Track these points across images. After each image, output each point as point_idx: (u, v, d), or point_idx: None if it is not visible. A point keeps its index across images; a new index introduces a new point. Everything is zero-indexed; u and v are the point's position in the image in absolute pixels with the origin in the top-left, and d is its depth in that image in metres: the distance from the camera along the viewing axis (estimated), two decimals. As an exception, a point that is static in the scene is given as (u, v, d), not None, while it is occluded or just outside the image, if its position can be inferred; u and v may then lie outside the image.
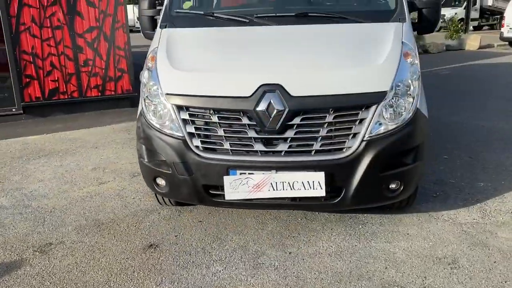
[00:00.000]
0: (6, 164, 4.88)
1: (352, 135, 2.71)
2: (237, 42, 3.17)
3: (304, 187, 2.70)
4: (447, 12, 22.23)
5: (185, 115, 2.81)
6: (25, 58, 6.64)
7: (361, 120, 2.71)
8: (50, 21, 6.70)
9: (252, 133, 2.73)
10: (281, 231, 3.18)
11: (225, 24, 3.32)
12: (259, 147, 2.74)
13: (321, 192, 2.69)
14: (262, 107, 2.67)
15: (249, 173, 2.73)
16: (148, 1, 3.70)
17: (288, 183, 2.70)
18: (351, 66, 2.82)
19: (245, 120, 2.72)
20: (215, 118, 2.76)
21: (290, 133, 2.71)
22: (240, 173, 2.74)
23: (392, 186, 2.86)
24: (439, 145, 5.01)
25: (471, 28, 23.87)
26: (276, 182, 2.71)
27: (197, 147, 2.80)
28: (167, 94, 2.85)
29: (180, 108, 2.82)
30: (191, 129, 2.80)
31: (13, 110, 6.78)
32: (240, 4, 4.16)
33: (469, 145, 5.03)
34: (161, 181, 2.99)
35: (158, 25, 3.47)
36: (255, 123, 2.70)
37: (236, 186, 2.73)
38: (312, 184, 2.68)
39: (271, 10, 3.48)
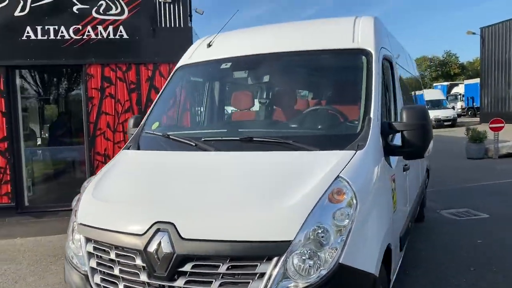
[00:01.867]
0: (37, 261, 5.21)
1: (250, 292, 2.21)
2: (160, 171, 2.95)
3: None
4: None
5: (90, 248, 2.64)
6: (97, 159, 7.33)
7: (261, 275, 2.20)
8: (122, 126, 7.38)
9: (144, 277, 2.40)
10: None
11: (175, 147, 3.17)
12: (150, 294, 2.39)
13: None
14: (152, 247, 2.35)
15: (139, 324, 2.38)
16: (133, 120, 3.80)
17: None
18: (257, 208, 2.34)
19: (138, 261, 2.41)
20: (112, 255, 2.52)
21: (180, 282, 2.31)
22: (131, 323, 2.41)
23: None
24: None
25: None
26: None
27: (97, 285, 2.57)
28: (80, 224, 2.74)
29: (87, 240, 2.66)
30: (93, 264, 2.60)
31: (84, 205, 7.39)
32: (235, 120, 3.99)
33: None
34: (73, 317, 2.79)
35: (124, 146, 3.48)
36: (145, 265, 2.39)
37: None
38: None
39: (223, 134, 3.23)
